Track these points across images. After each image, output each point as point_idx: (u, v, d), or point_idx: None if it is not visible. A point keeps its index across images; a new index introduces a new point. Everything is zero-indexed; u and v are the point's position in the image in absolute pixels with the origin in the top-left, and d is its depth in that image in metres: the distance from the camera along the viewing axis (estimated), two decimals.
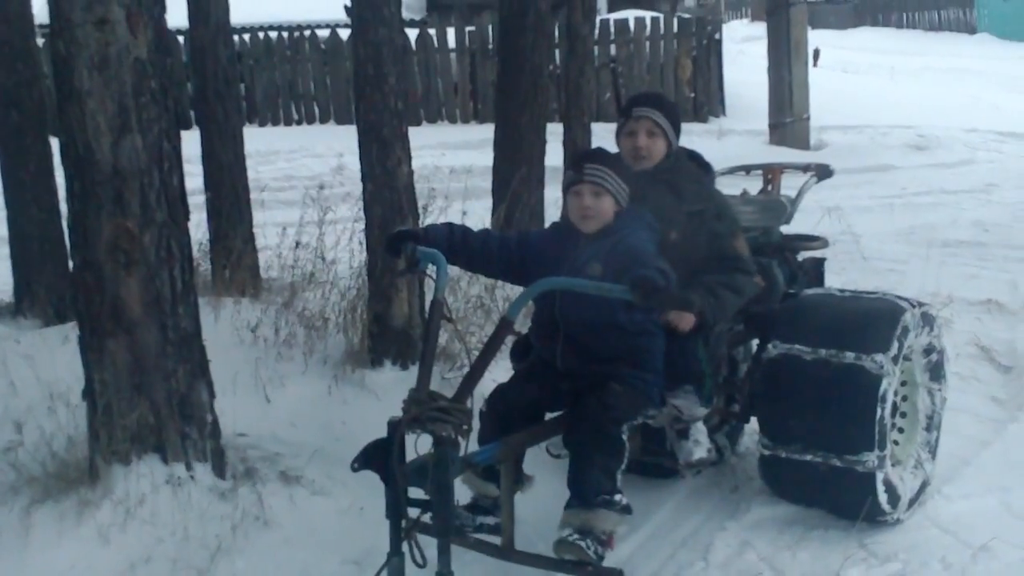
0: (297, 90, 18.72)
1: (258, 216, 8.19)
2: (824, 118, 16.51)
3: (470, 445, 3.72)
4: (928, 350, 5.02)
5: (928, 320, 4.93)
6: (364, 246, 6.43)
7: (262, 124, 18.38)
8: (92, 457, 4.63)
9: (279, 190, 11.98)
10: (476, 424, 3.95)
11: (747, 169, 5.76)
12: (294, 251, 7.39)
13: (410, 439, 3.63)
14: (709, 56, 18.06)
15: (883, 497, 4.61)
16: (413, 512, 3.63)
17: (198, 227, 6.18)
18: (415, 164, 6.37)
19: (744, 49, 21.21)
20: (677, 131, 4.63)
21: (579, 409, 4.12)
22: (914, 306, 4.83)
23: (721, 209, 4.55)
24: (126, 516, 4.41)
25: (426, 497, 3.62)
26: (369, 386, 5.89)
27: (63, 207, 4.81)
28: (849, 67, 22.96)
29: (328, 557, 4.40)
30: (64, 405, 5.04)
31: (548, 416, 4.35)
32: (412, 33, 17.52)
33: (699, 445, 4.65)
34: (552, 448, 4.48)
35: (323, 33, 18.65)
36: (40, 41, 8.41)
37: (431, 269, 4.03)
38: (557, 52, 14.43)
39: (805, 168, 5.66)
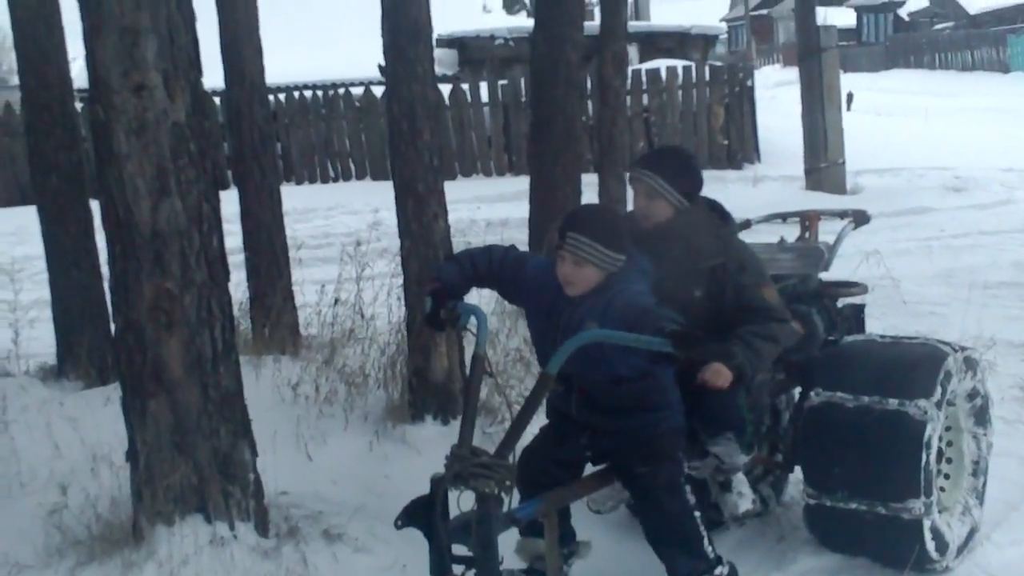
0: (333, 148, 18.88)
1: (296, 274, 8.24)
2: (859, 162, 16.48)
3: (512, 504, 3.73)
4: (972, 395, 4.96)
5: (971, 364, 4.86)
6: (402, 301, 6.45)
7: (299, 182, 18.53)
8: (136, 518, 4.64)
9: (316, 247, 12.07)
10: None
11: (784, 216, 5.74)
12: (333, 308, 7.43)
13: (454, 496, 3.63)
14: (742, 103, 18.11)
15: (931, 545, 4.55)
16: (457, 569, 3.63)
17: (237, 286, 6.21)
18: (451, 218, 6.41)
19: (777, 95, 21.27)
20: (689, 185, 4.48)
21: (636, 497, 4.17)
22: (956, 351, 4.76)
23: (743, 260, 4.44)
24: None
25: (470, 554, 3.60)
26: (410, 442, 5.89)
27: (104, 269, 4.86)
28: (883, 110, 22.94)
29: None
30: (107, 467, 5.07)
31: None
32: (445, 88, 17.65)
33: (743, 497, 4.59)
34: (592, 504, 4.45)
35: (357, 91, 18.83)
36: (78, 105, 8.52)
37: (472, 323, 4.05)
38: (590, 103, 14.50)
39: (842, 214, 5.61)
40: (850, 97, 20.65)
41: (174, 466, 4.58)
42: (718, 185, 16.42)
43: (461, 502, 3.65)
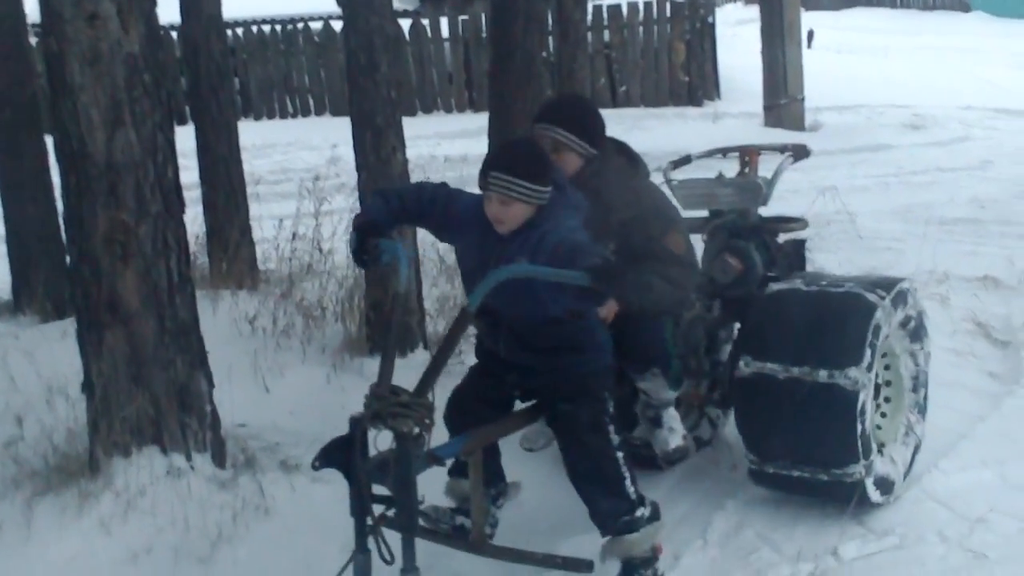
0: (292, 83, 18.72)
1: (254, 209, 8.21)
2: (819, 99, 16.49)
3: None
4: (905, 322, 4.89)
5: (901, 298, 4.77)
6: None
7: (257, 118, 18.38)
8: (92, 449, 4.66)
9: (275, 183, 12.01)
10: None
11: (724, 152, 5.67)
12: (291, 242, 7.41)
13: (373, 436, 3.57)
14: (703, 40, 18.06)
15: (875, 494, 4.57)
16: (379, 509, 3.58)
17: (194, 221, 6.20)
18: (410, 154, 6.39)
19: (738, 32, 21.15)
20: (593, 131, 4.35)
21: (558, 436, 4.12)
22: (883, 297, 4.63)
23: (656, 209, 4.35)
24: (127, 507, 4.44)
25: (390, 494, 3.56)
26: (367, 374, 5.90)
27: (59, 204, 4.83)
28: (843, 48, 22.88)
29: (329, 544, 4.41)
30: (64, 399, 5.08)
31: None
32: (405, 23, 17.51)
33: (674, 433, 4.56)
34: (524, 442, 4.43)
35: (316, 26, 18.66)
36: (33, 40, 8.42)
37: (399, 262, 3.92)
38: (551, 39, 14.41)
39: (782, 149, 5.48)
40: (811, 35, 20.58)
41: (130, 397, 4.59)
42: (678, 122, 16.45)
43: (380, 442, 3.59)
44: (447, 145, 13.68)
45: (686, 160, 5.60)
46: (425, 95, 18.38)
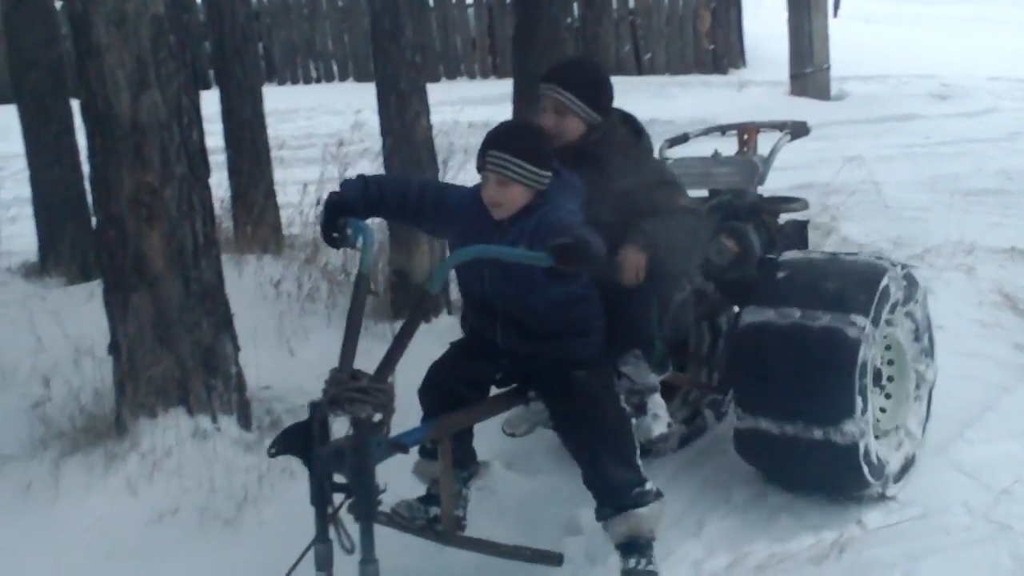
0: (315, 48, 18.69)
1: (278, 174, 8.20)
2: (845, 68, 16.36)
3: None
4: (911, 315, 4.74)
5: (911, 283, 4.65)
6: None
7: (281, 83, 18.37)
8: (119, 410, 4.69)
9: (299, 148, 11.98)
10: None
11: (723, 129, 5.51)
12: (315, 207, 7.40)
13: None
14: (728, 7, 17.94)
15: (866, 469, 4.37)
16: (340, 498, 3.43)
17: (219, 185, 6.20)
18: (434, 119, 6.38)
19: (764, 0, 21.01)
20: (600, 99, 4.10)
21: (560, 409, 3.91)
22: (895, 266, 4.58)
23: (657, 177, 4.13)
24: (153, 468, 4.47)
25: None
26: (391, 339, 5.91)
27: (85, 167, 4.85)
28: (871, 16, 22.67)
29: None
30: (90, 360, 5.10)
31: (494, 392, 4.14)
32: None
33: (658, 420, 4.30)
34: (506, 427, 4.23)
35: None
36: (58, 3, 8.42)
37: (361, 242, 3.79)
38: (576, 5, 14.35)
39: (780, 126, 5.29)
40: (837, 3, 20.44)
41: (156, 359, 4.61)
42: (703, 89, 16.36)
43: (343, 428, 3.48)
44: (470, 111, 13.60)
45: (683, 138, 5.46)
46: (449, 60, 18.33)
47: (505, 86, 10.36)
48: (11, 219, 7.57)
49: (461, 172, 7.80)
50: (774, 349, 4.43)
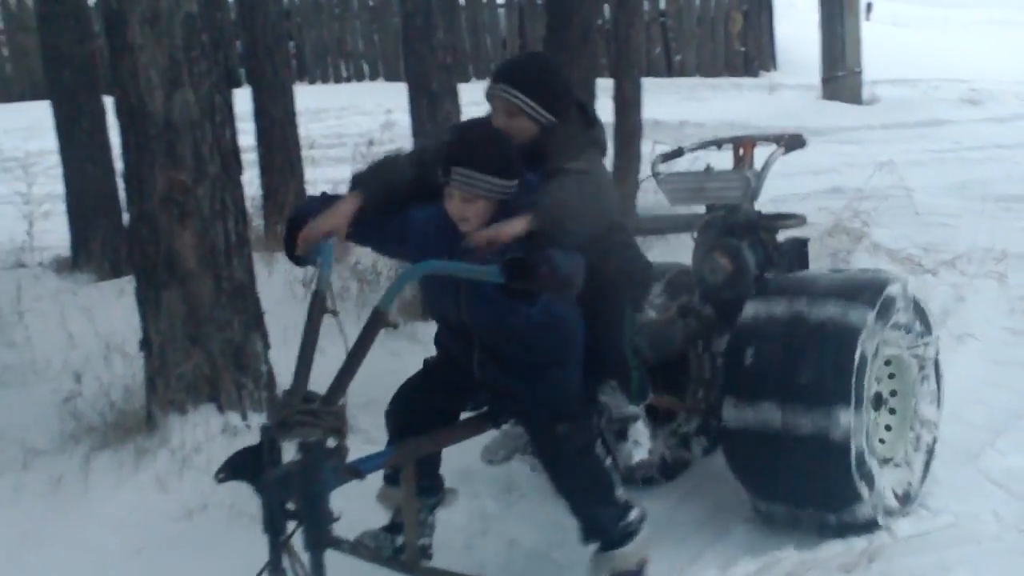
0: (346, 48, 18.75)
1: (309, 173, 8.24)
2: (876, 72, 16.32)
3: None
4: (914, 349, 4.50)
5: (919, 311, 4.50)
6: None
7: (311, 82, 18.42)
8: (149, 407, 4.72)
9: (329, 147, 12.02)
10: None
11: (719, 143, 5.27)
12: None
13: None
14: (760, 9, 17.92)
15: (856, 474, 4.14)
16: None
17: (250, 183, 6.23)
18: (464, 119, 6.38)
19: (796, 2, 20.93)
20: (554, 98, 3.71)
21: (550, 458, 3.67)
22: (899, 281, 4.40)
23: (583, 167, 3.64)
24: (183, 464, 4.49)
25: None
26: (420, 338, 5.91)
27: (118, 164, 4.88)
28: (902, 20, 22.60)
29: (380, 505, 4.44)
30: (121, 356, 5.12)
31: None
32: None
33: (639, 447, 4.06)
34: (485, 454, 4.01)
35: None
36: (91, 1, 8.48)
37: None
38: (607, 7, 14.36)
39: (777, 139, 4.99)
40: (869, 6, 20.37)
41: (187, 356, 4.64)
42: (733, 92, 16.33)
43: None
44: None
45: (678, 153, 5.25)
46: (479, 61, 18.34)
47: None
48: (44, 215, 7.61)
49: None
50: (770, 340, 4.28)
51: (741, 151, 4.98)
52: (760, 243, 4.75)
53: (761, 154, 4.92)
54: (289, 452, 3.22)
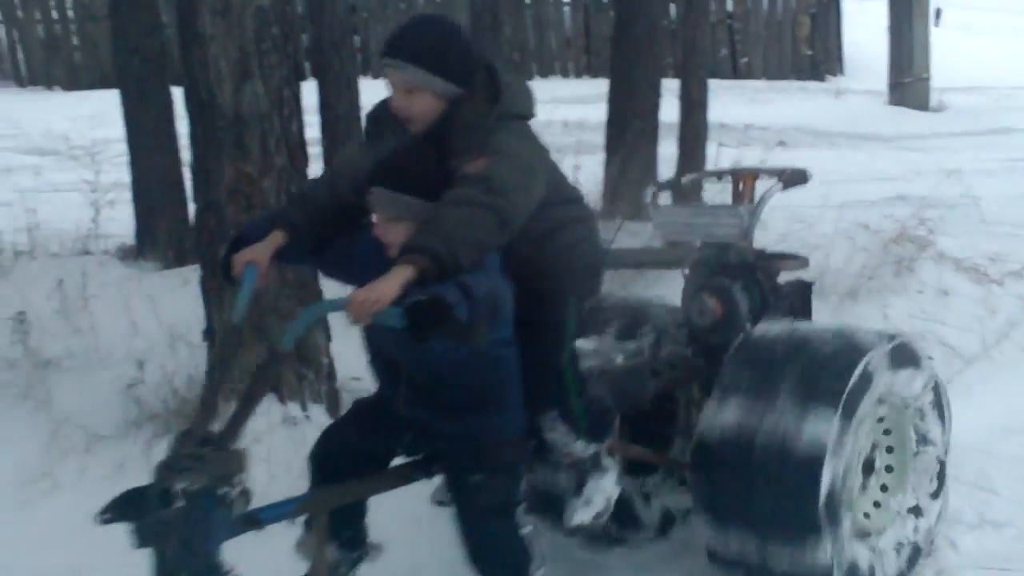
0: None
1: None
2: (945, 79, 16.14)
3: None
4: (912, 398, 4.04)
5: (907, 357, 3.95)
6: None
7: (376, 76, 18.47)
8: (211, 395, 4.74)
9: None
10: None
11: (718, 175, 5.10)
12: None
13: None
14: (828, 13, 17.77)
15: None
16: None
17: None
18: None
19: (864, 7, 20.73)
20: (456, 66, 3.19)
21: (461, 509, 3.32)
22: (885, 340, 3.90)
23: (497, 148, 3.09)
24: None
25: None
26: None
27: (184, 154, 4.91)
28: (973, 27, 22.30)
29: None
30: (184, 345, 5.16)
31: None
32: None
33: (589, 506, 3.58)
34: (436, 495, 3.65)
35: None
36: None
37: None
38: (674, 7, 14.31)
39: (779, 174, 4.58)
40: (938, 13, 20.14)
41: (250, 347, 4.66)
42: (799, 96, 16.20)
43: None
44: (564, 109, 13.60)
45: (675, 184, 5.05)
46: (543, 58, 18.34)
47: (599, 85, 10.36)
48: (109, 203, 7.69)
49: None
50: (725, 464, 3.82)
51: (741, 185, 4.62)
52: (756, 285, 4.36)
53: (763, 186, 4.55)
54: None
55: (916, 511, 4.09)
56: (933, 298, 6.60)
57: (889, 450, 4.09)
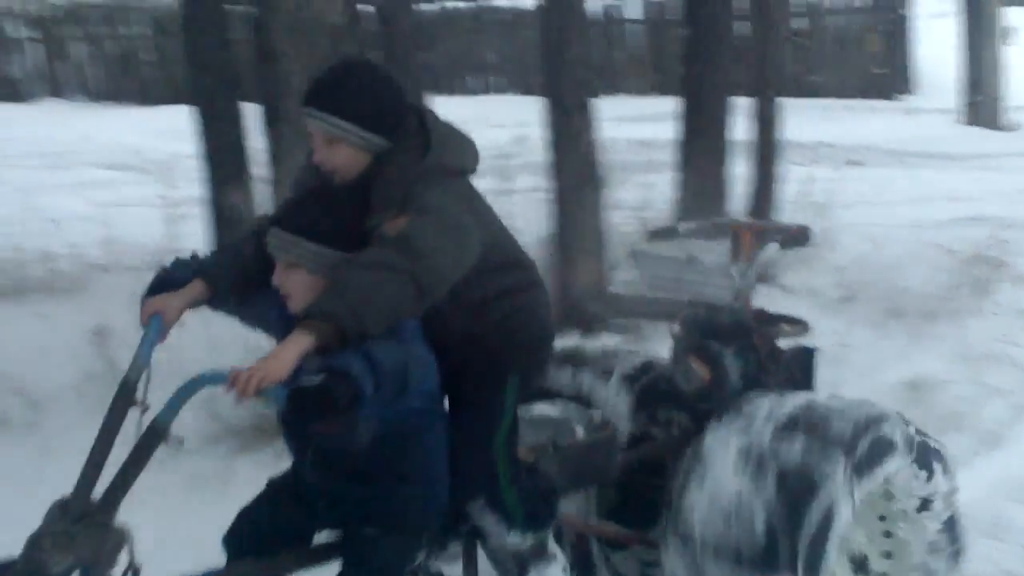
0: (476, 60, 18.87)
1: None
2: (1018, 98, 15.93)
3: None
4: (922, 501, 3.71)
5: (925, 456, 3.61)
6: (552, 214, 6.45)
7: (441, 94, 18.59)
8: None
9: None
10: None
11: (715, 226, 4.75)
12: None
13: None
14: (898, 31, 17.61)
15: None
16: None
17: None
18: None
19: (934, 25, 20.51)
20: (383, 117, 2.95)
21: (344, 567, 3.03)
22: (905, 423, 3.60)
23: (420, 206, 2.82)
24: None
25: None
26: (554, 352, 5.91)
27: (254, 170, 4.94)
28: None
29: None
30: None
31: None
32: (597, 4, 17.51)
33: None
34: None
35: (503, 3, 18.77)
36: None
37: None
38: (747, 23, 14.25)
39: (782, 231, 4.37)
40: (1011, 32, 19.89)
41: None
42: (868, 114, 16.05)
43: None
44: (629, 128, 13.60)
45: (671, 232, 4.73)
46: (609, 76, 18.33)
47: (665, 104, 10.33)
48: (182, 217, 7.77)
49: (620, 189, 7.79)
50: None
51: (739, 237, 4.28)
52: (752, 350, 3.96)
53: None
54: None
55: None
56: (1011, 320, 6.51)
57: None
